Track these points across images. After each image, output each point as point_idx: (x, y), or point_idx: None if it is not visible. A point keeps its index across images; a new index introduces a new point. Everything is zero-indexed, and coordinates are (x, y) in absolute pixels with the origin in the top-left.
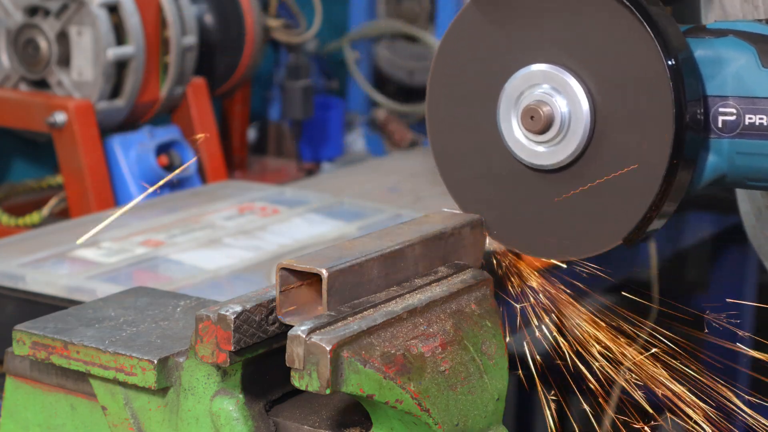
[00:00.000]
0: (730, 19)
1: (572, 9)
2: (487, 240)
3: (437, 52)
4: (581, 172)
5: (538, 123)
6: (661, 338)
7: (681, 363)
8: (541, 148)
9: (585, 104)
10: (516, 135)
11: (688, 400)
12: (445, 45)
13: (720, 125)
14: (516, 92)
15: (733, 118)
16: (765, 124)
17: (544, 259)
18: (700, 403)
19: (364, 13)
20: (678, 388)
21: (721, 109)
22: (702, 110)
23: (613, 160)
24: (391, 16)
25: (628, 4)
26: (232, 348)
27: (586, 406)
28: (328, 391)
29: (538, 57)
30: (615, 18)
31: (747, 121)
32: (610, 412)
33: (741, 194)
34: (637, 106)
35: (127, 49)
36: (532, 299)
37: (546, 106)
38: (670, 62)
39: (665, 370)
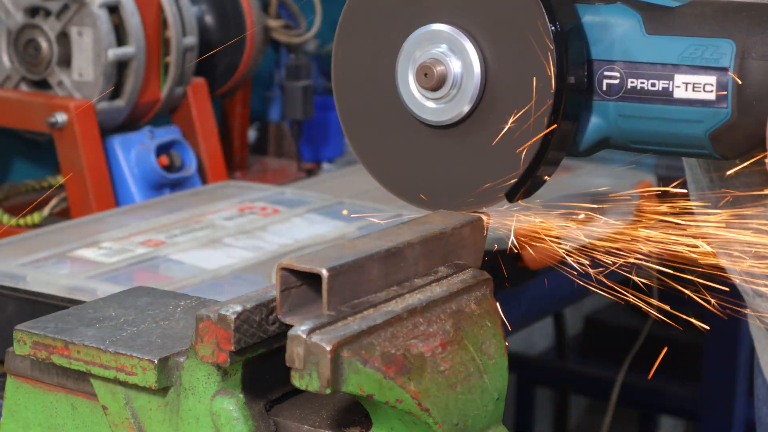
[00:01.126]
0: None
1: None
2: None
3: (344, 9)
4: (472, 130)
5: (431, 80)
6: None
7: None
8: (432, 104)
9: (477, 67)
10: (411, 90)
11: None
12: (348, 11)
13: (605, 88)
14: (414, 49)
15: (617, 81)
16: (646, 87)
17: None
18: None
19: None
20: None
21: (606, 73)
22: (586, 73)
23: (500, 120)
24: None
25: None
26: (232, 348)
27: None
28: (328, 391)
29: (440, 17)
30: None
31: (629, 85)
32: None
33: (689, 178)
34: (524, 69)
35: (127, 50)
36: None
37: (440, 66)
38: (553, 27)
39: None
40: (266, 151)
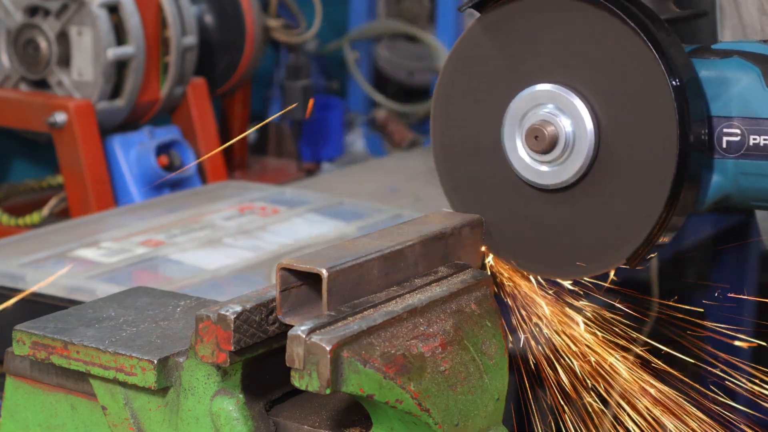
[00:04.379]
0: (747, 30)
1: (579, 30)
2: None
3: (444, 67)
4: (585, 192)
5: (543, 143)
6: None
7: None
8: (545, 168)
9: (589, 124)
10: (520, 154)
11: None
12: (452, 60)
13: (724, 146)
14: (521, 112)
15: (737, 138)
16: None
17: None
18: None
19: (364, 13)
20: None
21: (725, 130)
22: (706, 130)
23: (616, 181)
24: (391, 16)
25: (634, 26)
26: (232, 348)
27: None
28: (328, 391)
29: (544, 77)
30: (621, 39)
31: (751, 142)
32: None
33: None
34: (641, 126)
35: (127, 49)
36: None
37: (550, 126)
38: (674, 82)
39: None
40: (266, 151)
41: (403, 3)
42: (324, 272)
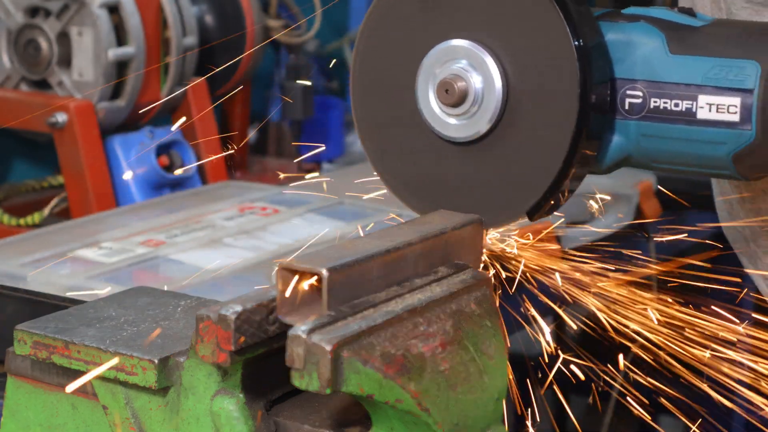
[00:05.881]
0: None
1: None
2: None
3: (361, 27)
4: (491, 147)
5: (453, 96)
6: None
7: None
8: (454, 121)
9: (498, 82)
10: (431, 106)
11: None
12: (369, 21)
13: (627, 107)
14: (434, 65)
15: (639, 101)
16: (669, 107)
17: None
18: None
19: (364, 14)
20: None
21: (628, 92)
22: (609, 91)
23: (521, 137)
24: None
25: None
26: (232, 348)
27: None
28: (328, 391)
29: (459, 32)
30: (533, 2)
31: (652, 105)
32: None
33: (715, 189)
34: (546, 86)
35: (127, 50)
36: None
37: (461, 81)
38: (576, 43)
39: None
40: (266, 151)
41: None
42: (324, 272)
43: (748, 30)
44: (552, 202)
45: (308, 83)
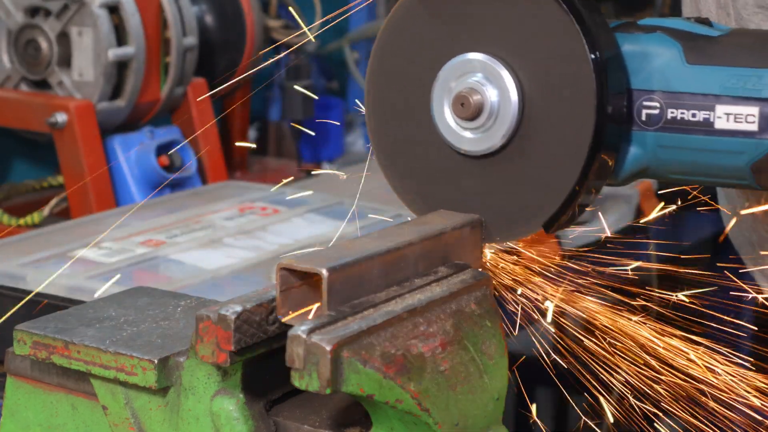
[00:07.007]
0: None
1: (510, 3)
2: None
3: (376, 42)
4: (508, 160)
5: (468, 110)
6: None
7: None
8: (469, 134)
9: (514, 96)
10: (447, 121)
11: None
12: (384, 34)
13: (644, 118)
14: (449, 79)
15: (656, 111)
16: (686, 118)
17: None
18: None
19: (364, 14)
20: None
21: (645, 103)
22: (626, 103)
23: (537, 149)
24: None
25: (560, 2)
26: (232, 348)
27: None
28: (328, 391)
29: (475, 46)
30: (544, 11)
31: (669, 115)
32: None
33: (720, 196)
34: (562, 98)
35: (127, 50)
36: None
37: (476, 95)
38: (594, 56)
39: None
40: (266, 151)
41: None
42: (324, 272)
43: (764, 39)
44: (569, 215)
45: (308, 93)
